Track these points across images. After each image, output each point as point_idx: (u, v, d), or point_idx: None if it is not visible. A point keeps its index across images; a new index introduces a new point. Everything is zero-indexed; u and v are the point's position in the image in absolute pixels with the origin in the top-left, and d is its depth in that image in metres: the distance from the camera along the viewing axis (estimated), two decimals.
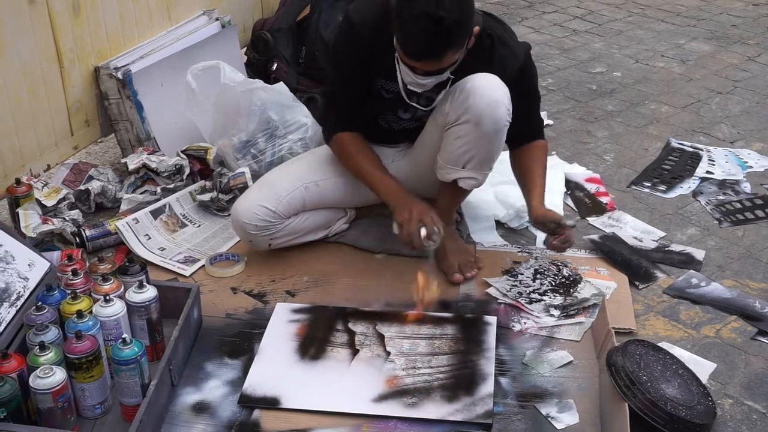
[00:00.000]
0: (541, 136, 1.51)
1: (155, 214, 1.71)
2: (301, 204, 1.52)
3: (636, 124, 2.14)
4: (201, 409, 1.32)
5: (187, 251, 1.67)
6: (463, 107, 1.38)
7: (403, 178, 1.53)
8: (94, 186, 1.73)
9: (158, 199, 1.74)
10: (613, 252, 1.64)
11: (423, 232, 1.33)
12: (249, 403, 1.32)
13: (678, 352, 1.40)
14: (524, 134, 1.49)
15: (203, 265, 1.63)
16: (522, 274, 1.61)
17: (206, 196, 1.74)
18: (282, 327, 1.47)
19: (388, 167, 1.52)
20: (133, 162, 1.80)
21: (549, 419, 1.30)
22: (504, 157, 1.54)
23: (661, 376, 1.26)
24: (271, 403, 1.32)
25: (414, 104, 1.42)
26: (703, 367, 1.37)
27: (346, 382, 1.35)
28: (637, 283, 1.58)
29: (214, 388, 1.36)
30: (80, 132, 1.82)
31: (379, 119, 1.49)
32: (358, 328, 1.47)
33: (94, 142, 1.92)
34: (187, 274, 1.60)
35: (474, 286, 1.58)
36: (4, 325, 1.25)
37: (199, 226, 1.74)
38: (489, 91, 1.35)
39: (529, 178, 1.46)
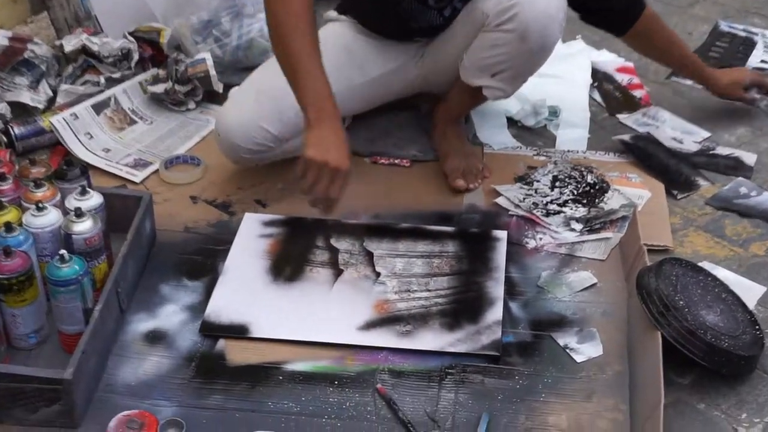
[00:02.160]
0: (644, 4, 1.50)
1: (98, 108, 1.67)
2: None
3: (678, 3, 2.11)
4: (155, 338, 1.30)
5: (138, 153, 1.65)
6: (509, 14, 1.35)
7: (412, 76, 1.54)
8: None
9: (101, 91, 1.69)
10: (648, 155, 1.63)
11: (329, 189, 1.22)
12: (212, 331, 1.31)
13: (722, 273, 1.37)
14: (634, 6, 1.49)
15: (157, 170, 1.62)
16: (538, 181, 1.59)
17: (159, 88, 1.70)
18: (251, 243, 1.45)
19: (392, 61, 1.51)
20: (70, 44, 1.73)
21: (567, 351, 1.29)
22: None
23: (701, 301, 1.25)
24: (238, 332, 1.30)
25: None
26: (750, 291, 1.35)
27: (328, 307, 1.34)
28: (675, 192, 1.57)
29: (171, 315, 1.34)
30: (4, 10, 1.78)
31: (399, 6, 1.43)
32: (343, 244, 1.46)
33: (22, 22, 1.88)
34: (138, 180, 1.59)
35: (480, 195, 1.57)
36: None
37: (152, 123, 1.72)
38: (543, 1, 1.32)
39: (676, 51, 1.49)
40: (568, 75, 1.80)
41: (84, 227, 1.25)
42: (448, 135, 1.58)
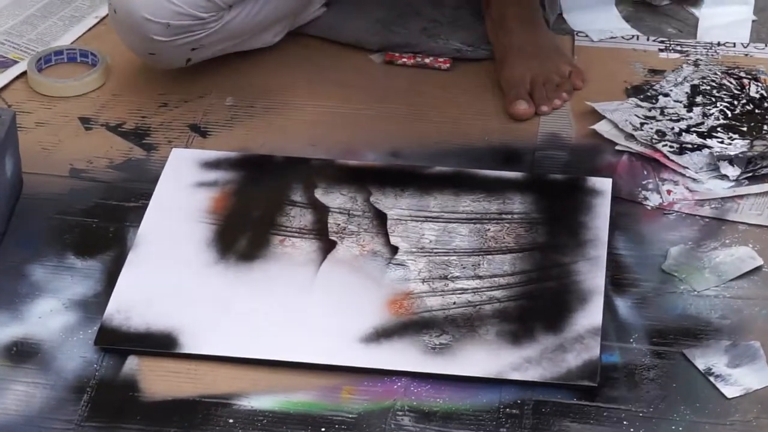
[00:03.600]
0: None
1: None
2: None
3: None
4: (22, 354, 1.32)
5: None
6: None
7: None
8: None
9: None
10: None
11: None
12: (117, 344, 1.32)
13: None
14: None
15: (24, 73, 1.66)
16: (667, 95, 1.61)
17: None
18: (182, 197, 1.49)
19: None
20: None
21: (711, 379, 1.29)
22: None
23: None
24: (160, 345, 1.31)
25: None
26: None
27: (310, 304, 1.36)
28: None
29: (48, 316, 1.36)
30: None
31: None
32: (336, 199, 1.48)
33: None
34: None
35: (568, 119, 1.59)
36: None
37: None
38: None
39: None
40: None
41: None
42: (508, 19, 1.62)
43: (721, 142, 1.55)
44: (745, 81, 1.63)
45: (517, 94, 1.61)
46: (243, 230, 1.45)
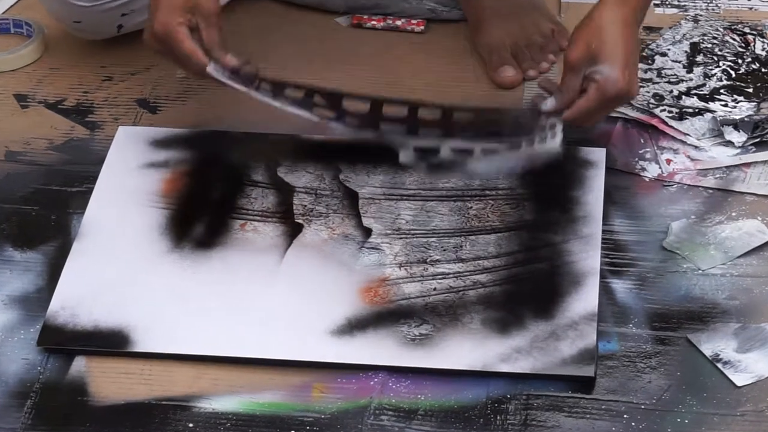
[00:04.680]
0: None
1: None
2: None
3: None
4: None
5: None
6: None
7: None
8: None
9: None
10: None
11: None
12: (62, 344, 1.32)
13: None
14: None
15: None
16: (664, 54, 1.62)
17: None
18: (131, 178, 1.49)
19: None
20: None
21: (719, 366, 1.28)
22: None
23: None
24: (110, 344, 1.31)
25: None
26: None
27: (275, 294, 1.36)
28: None
29: None
30: None
31: None
32: (300, 177, 1.49)
33: None
34: None
35: (556, 83, 1.53)
36: None
37: None
38: None
39: None
40: None
41: None
42: None
43: (725, 106, 1.56)
44: (750, 37, 1.63)
45: (501, 59, 1.62)
46: (199, 215, 1.45)
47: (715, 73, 1.59)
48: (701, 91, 1.58)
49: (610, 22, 1.40)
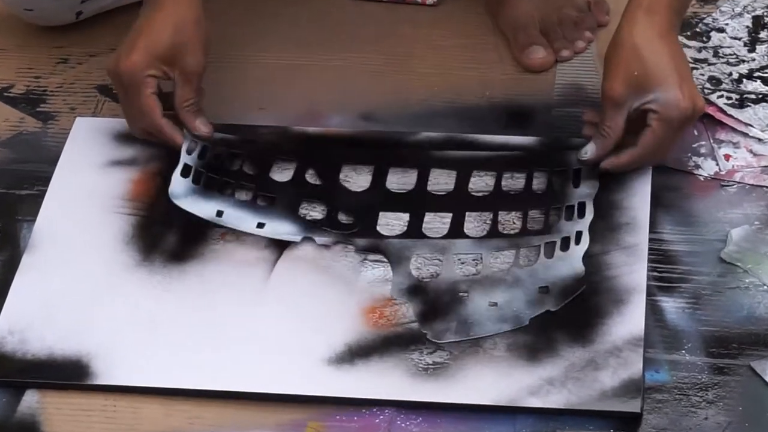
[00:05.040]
0: None
1: None
2: None
3: None
4: None
5: None
6: None
7: None
8: None
9: None
10: None
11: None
12: (9, 374, 1.30)
13: None
14: None
15: None
16: (721, 30, 1.60)
17: None
18: (91, 180, 1.47)
19: None
20: None
21: None
22: None
23: None
24: (66, 375, 1.29)
25: None
26: None
27: (263, 316, 1.34)
28: None
29: None
30: None
31: None
32: (292, 176, 1.47)
33: None
34: None
35: (592, 65, 1.59)
36: None
37: None
38: None
39: None
40: None
41: None
42: None
43: None
44: None
45: (529, 37, 1.60)
46: (172, 222, 1.43)
47: None
48: (766, 73, 1.55)
49: (647, 40, 1.38)
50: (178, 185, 1.45)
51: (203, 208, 1.44)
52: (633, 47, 1.38)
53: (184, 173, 1.46)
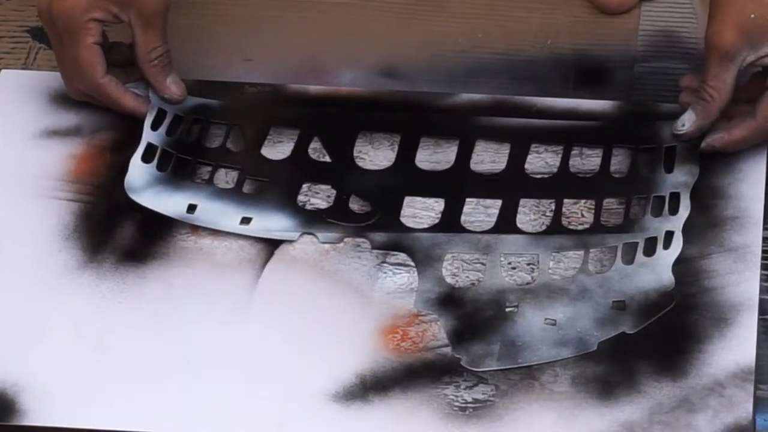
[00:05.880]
0: None
1: None
2: None
3: None
4: None
5: None
6: None
7: None
8: None
9: None
10: None
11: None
12: None
13: None
14: None
15: None
16: None
17: None
18: (20, 154, 1.45)
19: None
20: None
21: None
22: None
23: None
24: None
25: None
26: None
27: (249, 336, 1.29)
28: None
29: None
30: None
31: None
32: (288, 152, 1.44)
33: None
34: None
35: (688, 5, 1.59)
36: None
37: None
38: None
39: None
40: None
41: None
42: None
43: None
44: None
45: None
46: (127, 210, 1.38)
47: None
48: None
49: None
50: (138, 174, 1.43)
51: (169, 202, 1.41)
52: None
53: (146, 158, 1.44)
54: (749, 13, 1.33)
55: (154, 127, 1.45)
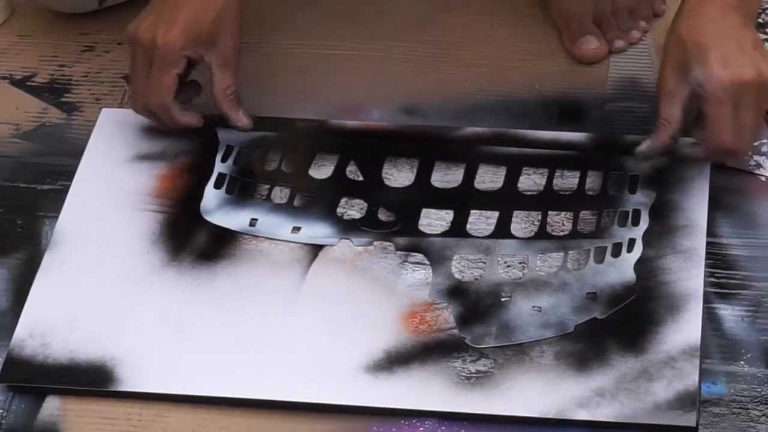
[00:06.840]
0: None
1: None
2: None
3: None
4: None
5: None
6: None
7: None
8: None
9: None
10: None
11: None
12: (29, 380, 1.31)
13: None
14: None
15: None
16: None
17: None
18: (117, 174, 1.50)
19: None
20: None
21: None
22: None
23: None
24: (88, 382, 1.31)
25: None
26: None
27: (297, 322, 1.36)
28: None
29: None
30: None
31: None
32: (329, 174, 1.50)
33: None
34: None
35: (647, 57, 1.61)
36: None
37: None
38: None
39: None
40: None
41: None
42: None
43: None
44: None
45: (582, 27, 1.62)
46: (202, 220, 1.45)
47: None
48: None
49: (697, 23, 1.40)
50: (211, 199, 1.47)
51: (235, 219, 1.45)
52: (679, 32, 1.39)
53: (217, 185, 1.48)
54: (680, 58, 1.38)
55: (224, 159, 1.50)
